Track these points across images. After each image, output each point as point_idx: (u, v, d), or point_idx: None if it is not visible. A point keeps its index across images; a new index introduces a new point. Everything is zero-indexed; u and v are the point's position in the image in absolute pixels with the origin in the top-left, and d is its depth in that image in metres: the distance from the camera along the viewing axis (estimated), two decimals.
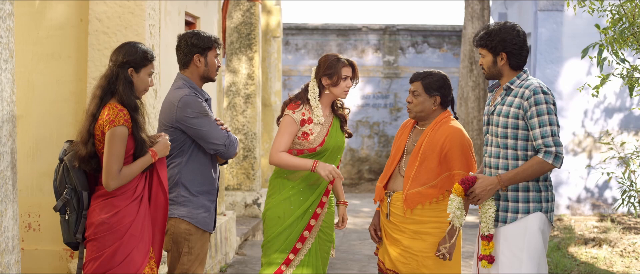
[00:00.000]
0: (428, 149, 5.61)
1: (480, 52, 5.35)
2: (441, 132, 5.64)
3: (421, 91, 5.71)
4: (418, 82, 5.74)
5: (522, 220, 5.17)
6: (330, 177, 5.68)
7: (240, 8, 12.21)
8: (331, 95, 5.90)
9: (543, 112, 5.08)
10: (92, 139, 5.00)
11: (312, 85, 5.89)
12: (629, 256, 10.44)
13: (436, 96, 5.70)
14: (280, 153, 5.79)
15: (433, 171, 5.60)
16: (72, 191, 5.02)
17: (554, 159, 5.05)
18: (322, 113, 5.89)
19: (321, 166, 5.69)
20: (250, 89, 12.17)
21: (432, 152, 5.60)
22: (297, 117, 5.83)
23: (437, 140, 5.61)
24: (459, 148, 5.59)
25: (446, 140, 5.60)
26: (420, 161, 5.62)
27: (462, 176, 5.48)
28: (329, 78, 5.84)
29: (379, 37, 20.54)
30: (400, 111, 20.44)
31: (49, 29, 7.01)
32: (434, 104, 5.71)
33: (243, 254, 10.30)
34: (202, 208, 5.59)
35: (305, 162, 5.75)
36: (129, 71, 5.05)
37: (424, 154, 5.62)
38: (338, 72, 5.82)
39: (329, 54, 5.93)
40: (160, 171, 5.15)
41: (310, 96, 5.87)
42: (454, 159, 5.58)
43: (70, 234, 5.05)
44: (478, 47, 5.35)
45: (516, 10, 16.78)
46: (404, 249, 5.66)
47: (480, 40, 5.30)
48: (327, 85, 5.85)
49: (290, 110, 5.86)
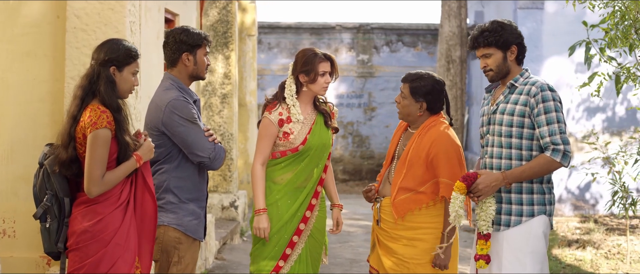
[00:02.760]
0: (414, 155, 5.38)
1: (486, 52, 5.14)
2: (428, 137, 5.39)
3: (407, 93, 5.48)
4: (406, 84, 5.50)
5: (526, 223, 5.05)
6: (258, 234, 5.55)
7: (217, 6, 11.92)
8: (310, 92, 5.67)
9: (551, 109, 4.94)
10: (73, 142, 4.74)
11: (289, 82, 5.67)
12: (614, 258, 10.39)
13: (422, 102, 5.44)
14: (257, 169, 5.60)
15: (420, 177, 5.37)
16: (53, 197, 4.75)
17: (562, 157, 4.90)
18: (304, 111, 5.67)
19: (257, 220, 5.55)
20: (227, 88, 11.88)
21: (418, 159, 5.37)
22: (274, 118, 5.60)
23: (423, 146, 5.37)
24: (445, 155, 5.33)
25: (432, 146, 5.34)
26: (407, 167, 5.40)
27: (447, 184, 5.26)
28: (306, 75, 5.61)
29: (353, 35, 20.37)
30: (374, 110, 20.27)
31: (24, 27, 6.78)
32: (420, 110, 5.46)
33: (223, 258, 10.04)
34: (192, 215, 5.34)
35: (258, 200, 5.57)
36: (112, 69, 4.79)
37: (410, 161, 5.39)
38: (315, 68, 5.59)
39: (306, 49, 5.69)
40: (146, 175, 4.87)
41: (287, 94, 5.64)
42: (439, 166, 5.33)
43: (51, 243, 4.79)
44: (484, 46, 5.13)
45: (493, 9, 16.67)
46: (396, 256, 5.44)
47: (486, 38, 5.10)
48: (305, 82, 5.63)
49: (267, 112, 5.64)
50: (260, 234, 5.51)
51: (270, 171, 5.67)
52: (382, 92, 20.28)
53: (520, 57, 5.15)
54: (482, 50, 5.14)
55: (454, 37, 15.70)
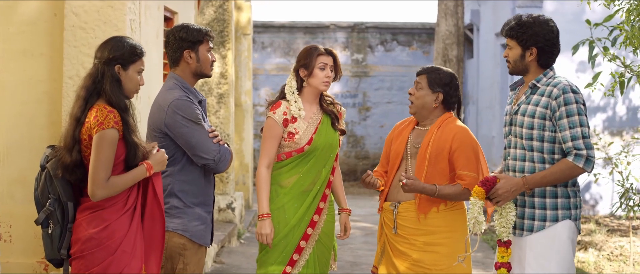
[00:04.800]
0: (435, 149, 5.24)
1: (508, 43, 4.98)
2: (448, 131, 5.27)
3: (425, 84, 5.37)
4: (423, 76, 5.41)
5: (551, 229, 4.83)
6: (261, 239, 5.41)
7: (213, 4, 11.73)
8: (311, 88, 5.52)
9: (573, 112, 4.74)
10: (78, 145, 4.51)
11: (290, 78, 5.54)
12: (617, 260, 10.28)
13: (439, 93, 5.34)
14: (263, 172, 5.43)
15: (444, 171, 5.24)
16: (56, 202, 4.53)
17: (585, 162, 4.71)
18: (309, 110, 5.52)
19: (260, 225, 5.40)
20: (224, 88, 11.69)
21: (440, 152, 5.23)
22: (278, 117, 5.44)
23: (444, 139, 5.24)
24: (469, 148, 5.23)
25: (454, 140, 5.23)
26: (429, 162, 5.24)
27: (469, 176, 5.14)
28: (305, 68, 5.47)
29: (347, 35, 20.25)
30: (369, 110, 20.13)
31: (20, 25, 6.63)
32: (436, 101, 5.34)
33: (221, 262, 9.85)
34: (198, 219, 5.13)
35: (263, 204, 5.41)
36: (116, 68, 4.57)
37: (432, 155, 5.24)
38: (313, 62, 5.45)
39: (308, 46, 5.58)
40: (156, 182, 4.66)
41: (287, 89, 5.50)
42: (461, 158, 5.20)
43: (54, 249, 4.56)
44: (506, 37, 4.98)
45: (490, 8, 16.56)
46: (414, 263, 5.27)
47: (510, 30, 4.94)
48: (304, 76, 5.49)
49: (271, 111, 5.48)
50: (263, 240, 5.35)
51: (276, 175, 5.51)
52: (376, 92, 20.15)
53: (542, 61, 4.91)
54: (507, 40, 4.99)
55: (451, 36, 15.57)
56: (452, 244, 5.24)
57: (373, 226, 13.17)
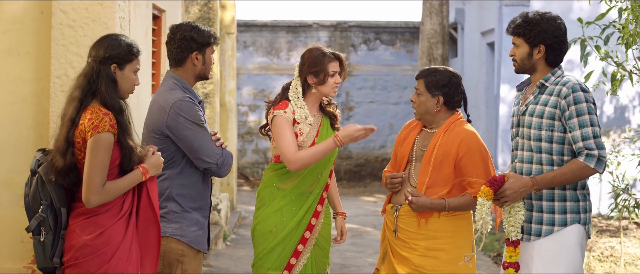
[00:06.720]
0: (441, 154, 5.10)
1: (515, 41, 4.85)
2: (455, 135, 5.13)
3: (423, 89, 5.22)
4: (421, 80, 5.25)
5: (559, 233, 4.70)
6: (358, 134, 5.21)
7: (198, 3, 11.55)
8: (318, 94, 5.36)
9: (583, 111, 4.60)
10: (71, 148, 4.34)
11: (295, 84, 5.35)
12: (608, 261, 10.18)
13: (439, 96, 5.18)
14: (298, 154, 5.20)
15: (449, 177, 5.11)
16: (49, 208, 4.35)
17: (596, 163, 4.58)
18: (311, 113, 5.37)
19: (343, 134, 5.20)
20: (209, 88, 11.51)
21: (446, 158, 5.09)
22: (289, 115, 5.29)
23: (451, 144, 5.10)
24: (477, 153, 5.09)
25: (461, 144, 5.09)
26: (433, 167, 5.11)
27: (478, 184, 5.00)
28: (315, 76, 5.29)
29: (330, 34, 20.10)
30: (352, 110, 20.00)
31: (6, 23, 6.43)
32: (437, 105, 5.19)
33: (209, 265, 9.70)
34: (196, 224, 4.96)
35: (326, 144, 5.22)
36: (112, 67, 4.40)
37: (436, 160, 5.10)
38: (325, 69, 5.28)
39: (313, 48, 5.38)
40: (150, 186, 4.49)
41: (291, 96, 5.32)
42: (469, 165, 5.07)
43: (46, 258, 4.37)
44: (513, 35, 4.85)
45: (475, 7, 16.46)
46: (415, 268, 5.15)
47: (517, 28, 4.81)
48: (314, 84, 5.32)
49: (279, 110, 5.29)
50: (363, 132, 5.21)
51: (274, 176, 5.38)
52: (359, 91, 20.03)
53: (550, 59, 4.79)
54: (513, 38, 4.85)
55: (436, 35, 15.49)
56: (453, 249, 5.13)
57: (359, 227, 13.06)
